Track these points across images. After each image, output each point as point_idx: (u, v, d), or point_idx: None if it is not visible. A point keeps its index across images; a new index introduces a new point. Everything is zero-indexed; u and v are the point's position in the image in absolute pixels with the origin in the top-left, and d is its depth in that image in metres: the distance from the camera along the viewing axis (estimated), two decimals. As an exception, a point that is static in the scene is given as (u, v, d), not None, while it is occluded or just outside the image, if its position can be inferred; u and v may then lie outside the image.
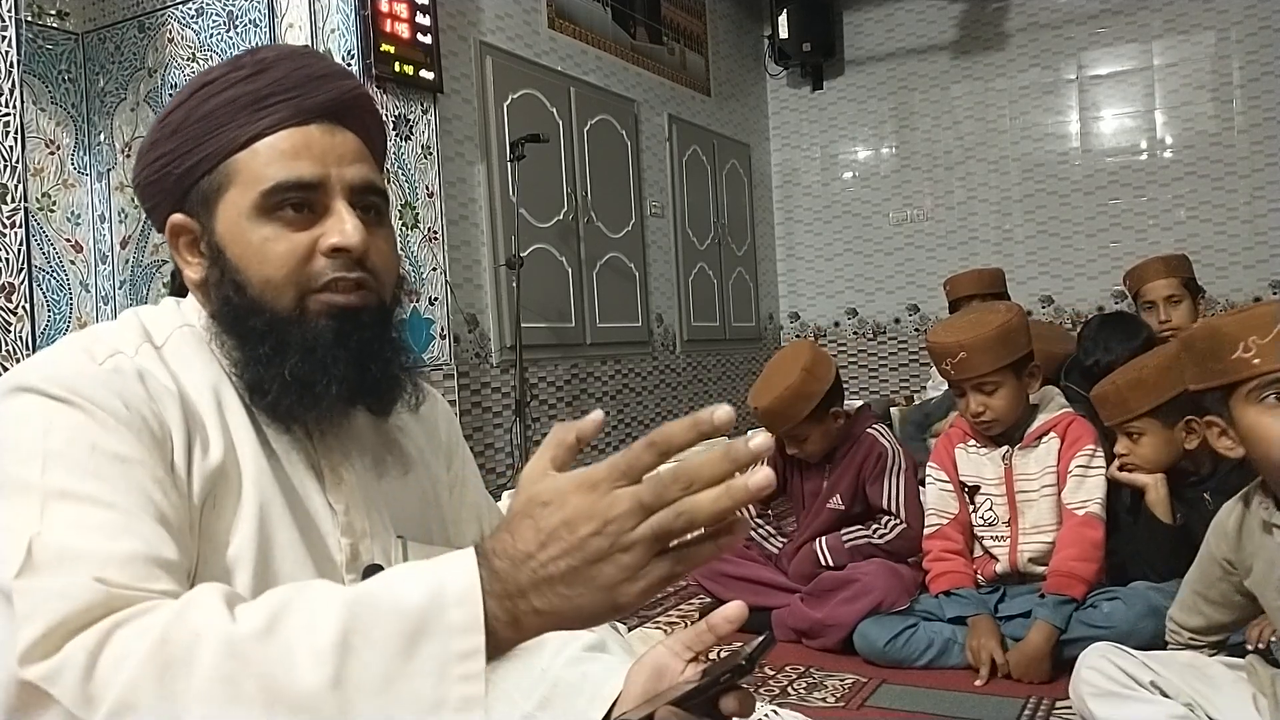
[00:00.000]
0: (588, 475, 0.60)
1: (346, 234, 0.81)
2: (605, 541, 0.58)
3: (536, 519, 0.60)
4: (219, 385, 0.83)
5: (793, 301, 7.28)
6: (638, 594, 0.59)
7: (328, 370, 0.81)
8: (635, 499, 0.58)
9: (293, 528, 0.82)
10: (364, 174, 0.85)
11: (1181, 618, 1.53)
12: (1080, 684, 1.53)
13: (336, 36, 3.70)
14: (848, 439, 2.44)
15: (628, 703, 0.80)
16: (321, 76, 0.86)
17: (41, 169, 4.14)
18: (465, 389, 4.29)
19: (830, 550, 2.34)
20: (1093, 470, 2.08)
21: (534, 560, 0.59)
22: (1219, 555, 1.44)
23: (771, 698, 1.92)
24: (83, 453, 0.70)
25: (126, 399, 0.74)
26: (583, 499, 0.59)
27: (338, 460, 0.88)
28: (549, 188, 4.87)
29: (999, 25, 6.50)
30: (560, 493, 0.60)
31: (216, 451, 0.78)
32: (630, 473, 0.59)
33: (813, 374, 2.35)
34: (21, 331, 2.82)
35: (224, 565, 0.77)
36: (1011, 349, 2.08)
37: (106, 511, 0.68)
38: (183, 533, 0.73)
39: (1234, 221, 5.95)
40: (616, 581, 0.58)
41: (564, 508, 0.59)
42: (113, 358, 0.78)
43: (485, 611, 0.59)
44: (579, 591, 0.59)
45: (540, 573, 0.59)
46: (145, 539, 0.68)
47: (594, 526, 0.58)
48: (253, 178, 0.82)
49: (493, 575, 0.60)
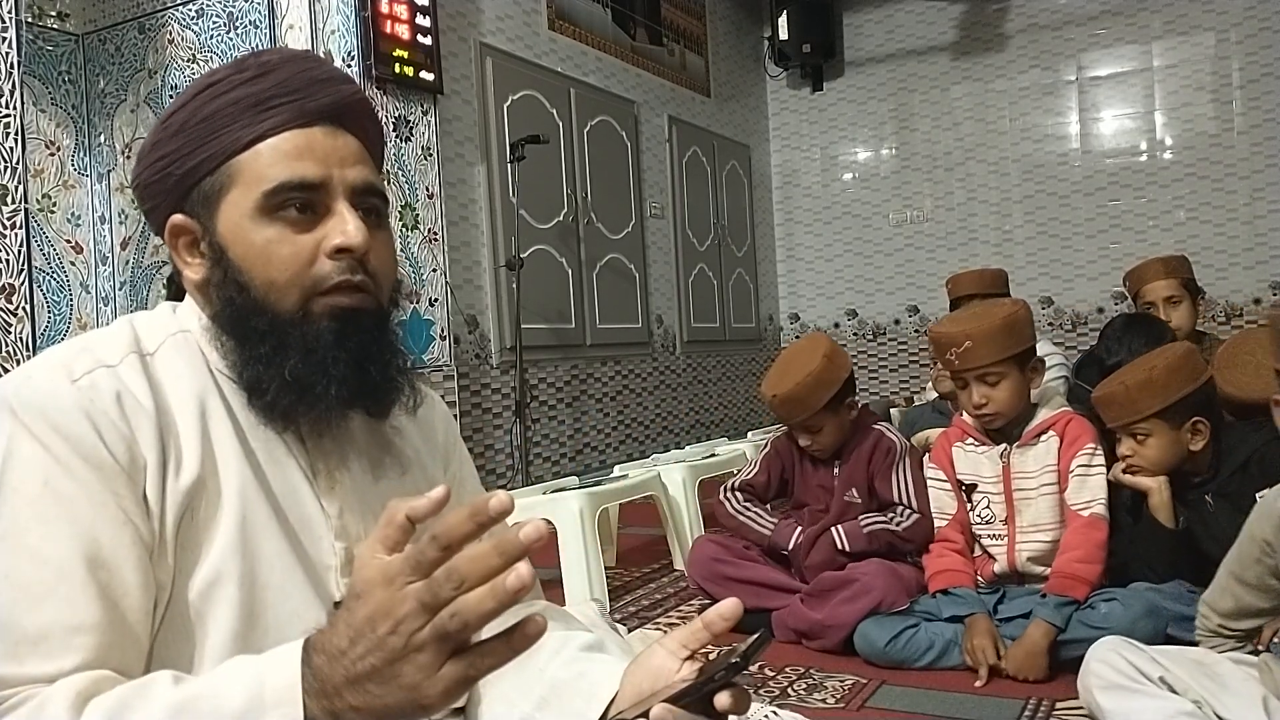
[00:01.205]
0: (388, 567, 0.59)
1: (349, 234, 0.82)
2: (399, 640, 0.58)
3: (351, 612, 0.60)
4: (205, 395, 0.83)
5: (792, 302, 7.29)
6: (439, 695, 0.59)
7: (327, 371, 0.81)
8: (417, 599, 0.57)
9: (280, 537, 0.82)
10: (365, 176, 0.86)
11: (1213, 599, 1.52)
12: (1089, 676, 1.53)
13: (337, 38, 3.70)
14: (855, 434, 2.44)
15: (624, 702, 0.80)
16: (324, 80, 0.86)
17: (42, 170, 4.14)
18: (465, 390, 4.29)
19: (848, 536, 2.33)
20: (1094, 469, 2.08)
21: (346, 657, 0.60)
22: (1260, 535, 1.42)
23: (771, 698, 1.92)
24: (34, 488, 0.72)
25: (97, 422, 0.75)
26: (382, 594, 0.59)
27: (332, 463, 0.88)
28: (549, 189, 4.87)
29: (999, 26, 6.51)
30: (369, 585, 0.59)
31: (193, 465, 0.79)
32: (419, 569, 0.58)
33: (833, 361, 2.36)
34: (21, 332, 2.82)
35: (206, 578, 0.78)
36: (1016, 341, 2.08)
37: (38, 569, 0.70)
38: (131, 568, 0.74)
39: (1234, 223, 5.95)
40: (415, 682, 0.58)
41: (368, 603, 0.59)
42: (91, 374, 0.78)
43: (304, 712, 0.60)
44: (386, 690, 0.59)
45: (351, 670, 0.59)
46: (67, 601, 0.70)
47: (389, 625, 0.58)
48: (256, 178, 0.82)
49: (312, 673, 0.61)
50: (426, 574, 0.58)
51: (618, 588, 2.89)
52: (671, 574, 3.05)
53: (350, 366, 0.82)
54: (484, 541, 0.58)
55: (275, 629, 0.79)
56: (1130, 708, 1.45)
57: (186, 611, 0.77)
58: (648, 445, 5.60)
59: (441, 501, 0.61)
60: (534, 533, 0.57)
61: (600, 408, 5.27)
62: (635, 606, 2.70)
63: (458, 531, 0.58)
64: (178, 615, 0.77)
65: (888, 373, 6.96)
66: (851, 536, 2.33)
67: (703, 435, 6.09)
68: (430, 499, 0.62)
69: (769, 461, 2.56)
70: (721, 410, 6.43)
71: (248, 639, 0.78)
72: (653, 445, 5.62)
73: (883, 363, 6.98)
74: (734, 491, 2.54)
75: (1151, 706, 1.42)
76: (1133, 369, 2.05)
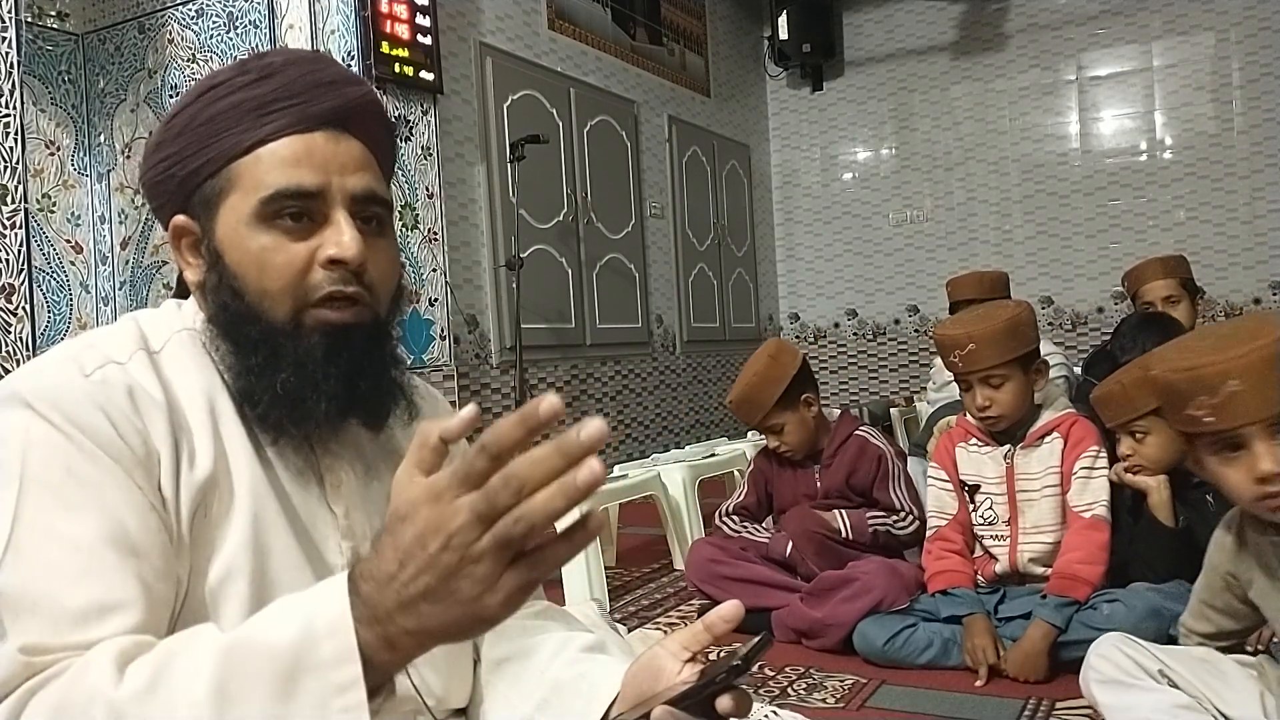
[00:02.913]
0: (434, 484, 0.58)
1: (344, 245, 0.81)
2: (454, 556, 0.56)
3: (395, 536, 0.59)
4: (213, 392, 0.82)
5: (792, 302, 7.29)
6: (499, 605, 0.57)
7: (318, 387, 0.81)
8: (473, 510, 0.55)
9: (289, 534, 0.82)
10: (366, 183, 0.84)
11: (1190, 623, 1.54)
12: (1089, 670, 1.53)
13: (336, 37, 3.70)
14: (836, 440, 2.46)
15: (625, 704, 0.80)
16: (329, 83, 0.85)
17: (41, 170, 4.14)
18: (465, 389, 4.30)
19: (852, 525, 2.37)
20: (1097, 472, 2.08)
21: (396, 581, 0.58)
22: (1221, 568, 1.44)
23: (771, 698, 1.92)
24: (58, 477, 0.72)
25: (111, 415, 0.74)
26: (430, 511, 0.57)
27: (337, 464, 0.88)
28: (549, 189, 4.87)
29: (998, 26, 6.51)
30: (414, 505, 0.58)
31: (205, 461, 0.78)
32: (468, 480, 0.56)
33: (778, 359, 2.45)
34: (21, 332, 2.82)
35: (219, 573, 0.77)
36: (1020, 343, 2.09)
37: (69, 553, 0.70)
38: (158, 555, 0.74)
39: (1233, 222, 5.95)
40: (475, 595, 0.57)
41: (416, 522, 0.58)
42: (102, 369, 0.78)
43: (358, 640, 0.59)
44: (443, 608, 0.58)
45: (403, 593, 0.58)
46: (101, 580, 0.70)
47: (441, 541, 0.56)
48: (253, 184, 0.81)
49: (361, 601, 0.60)
50: (477, 485, 0.56)
51: (618, 588, 2.89)
52: (671, 574, 3.05)
53: (341, 382, 0.81)
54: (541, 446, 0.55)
55: None
56: (1128, 702, 1.45)
57: (200, 607, 0.77)
58: (648, 445, 5.60)
59: (474, 420, 0.59)
60: (595, 432, 0.54)
61: (600, 407, 5.27)
62: (635, 606, 2.70)
63: (508, 438, 0.55)
64: (191, 610, 0.76)
65: (888, 373, 6.96)
66: (856, 527, 2.36)
67: (703, 435, 6.09)
68: (462, 418, 0.59)
69: (754, 479, 2.61)
70: (721, 410, 6.42)
71: None
72: (653, 445, 5.62)
73: (883, 363, 6.98)
74: (729, 516, 2.58)
75: (1149, 701, 1.43)
76: (1129, 368, 2.04)
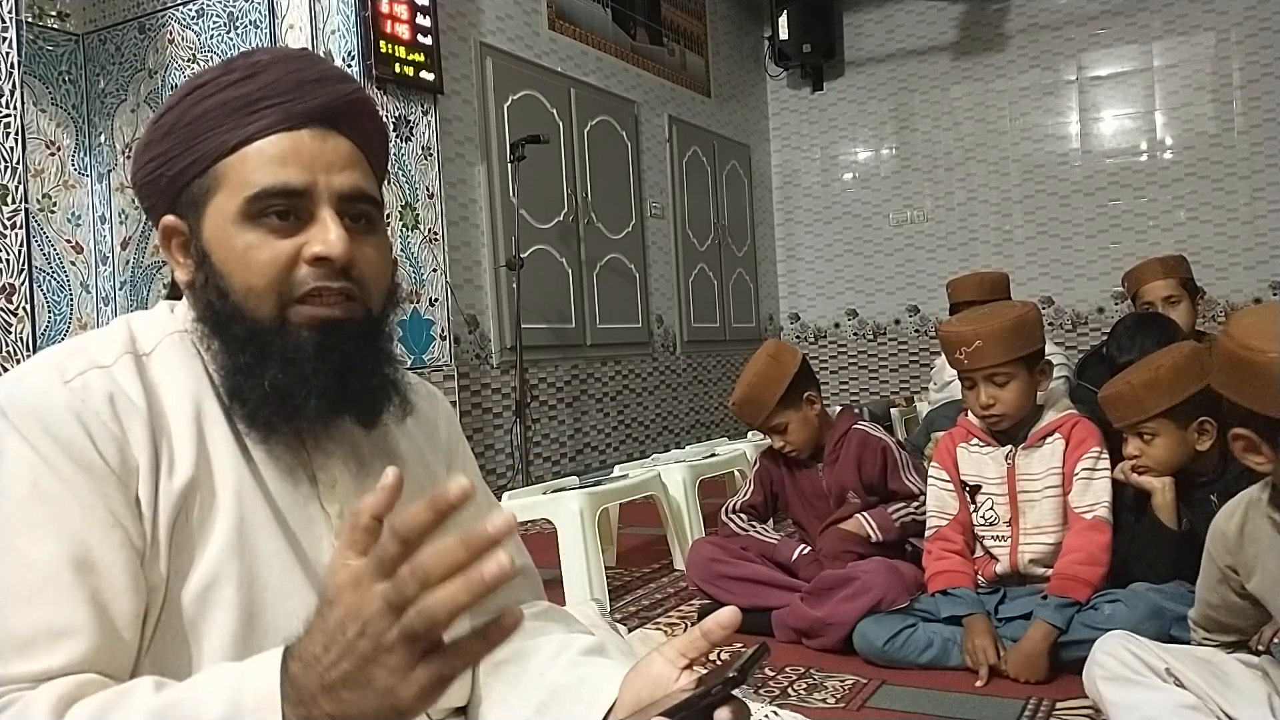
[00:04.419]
0: (356, 571, 0.58)
1: (329, 243, 0.80)
2: (369, 644, 0.56)
3: (323, 618, 0.59)
4: (200, 395, 0.82)
5: (793, 302, 7.29)
6: (412, 698, 0.57)
7: (307, 383, 0.80)
8: (384, 599, 0.56)
9: (278, 537, 0.81)
10: (353, 181, 0.83)
11: (1197, 618, 1.54)
12: (1093, 667, 1.53)
13: (337, 38, 3.70)
14: (836, 436, 2.46)
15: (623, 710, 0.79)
16: (316, 80, 0.84)
17: (42, 170, 4.14)
18: (465, 390, 4.30)
19: (879, 526, 2.36)
20: (1099, 473, 2.08)
21: (320, 664, 0.59)
22: (1220, 562, 1.44)
23: (771, 698, 1.92)
24: (23, 490, 0.71)
25: (88, 424, 0.74)
26: (351, 597, 0.57)
27: (331, 463, 0.87)
28: (549, 189, 4.87)
29: (999, 26, 6.51)
30: (339, 590, 0.58)
31: (186, 466, 0.78)
32: (382, 568, 0.56)
33: (778, 359, 2.45)
34: (22, 332, 2.82)
35: (202, 579, 0.77)
36: (1025, 342, 2.09)
37: (24, 572, 0.70)
38: (121, 570, 0.73)
39: (1234, 223, 5.95)
40: (389, 686, 0.57)
41: (339, 607, 0.58)
42: (84, 375, 0.77)
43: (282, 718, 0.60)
44: (360, 695, 0.58)
45: (325, 677, 0.59)
46: (53, 603, 0.69)
47: (358, 628, 0.57)
48: (240, 183, 0.81)
49: (289, 680, 0.60)
50: (390, 572, 0.56)
51: (618, 588, 2.89)
52: (671, 574, 3.05)
53: (331, 378, 0.80)
54: (450, 536, 0.56)
55: (276, 630, 0.78)
56: (1133, 699, 1.45)
57: (182, 616, 0.76)
58: (648, 445, 5.60)
59: (393, 488, 0.59)
60: (502, 523, 0.55)
61: (600, 408, 5.27)
62: (635, 606, 2.70)
63: (416, 523, 0.56)
64: (173, 620, 0.76)
65: (888, 373, 6.96)
66: (883, 527, 2.36)
67: (703, 435, 6.09)
68: (381, 488, 0.59)
69: (760, 477, 2.60)
70: (721, 410, 6.42)
71: (248, 640, 0.77)
72: (653, 445, 5.62)
73: (883, 363, 6.98)
74: (735, 513, 2.57)
75: (1154, 699, 1.43)
76: (1139, 368, 2.04)
